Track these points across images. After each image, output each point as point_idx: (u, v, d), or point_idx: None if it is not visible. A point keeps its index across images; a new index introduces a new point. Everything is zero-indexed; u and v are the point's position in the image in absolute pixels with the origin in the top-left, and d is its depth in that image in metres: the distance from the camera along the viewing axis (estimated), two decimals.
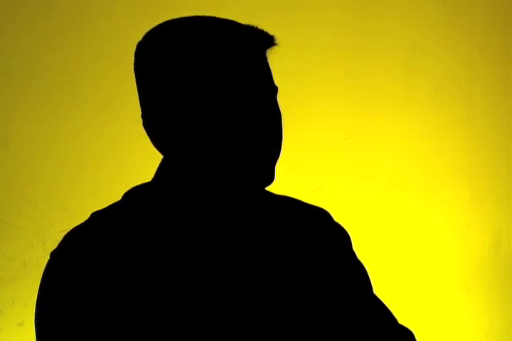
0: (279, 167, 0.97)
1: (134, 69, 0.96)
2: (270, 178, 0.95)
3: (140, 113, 0.97)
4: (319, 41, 2.15)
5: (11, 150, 1.62)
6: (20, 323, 1.63)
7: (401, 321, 1.12)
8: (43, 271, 0.94)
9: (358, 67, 2.24)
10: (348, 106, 2.23)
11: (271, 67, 0.96)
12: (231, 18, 0.96)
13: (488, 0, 2.60)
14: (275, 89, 0.95)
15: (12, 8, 1.61)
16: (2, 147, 1.61)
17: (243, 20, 0.96)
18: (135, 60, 0.96)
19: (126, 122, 1.74)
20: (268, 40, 0.94)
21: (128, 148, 1.77)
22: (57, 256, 0.93)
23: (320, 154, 2.16)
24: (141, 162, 1.72)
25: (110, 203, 1.00)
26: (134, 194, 1.00)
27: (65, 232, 0.96)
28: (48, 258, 0.94)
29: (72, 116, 1.69)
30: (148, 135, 0.96)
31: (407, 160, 2.37)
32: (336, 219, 1.12)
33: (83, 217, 0.98)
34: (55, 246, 0.95)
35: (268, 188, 1.00)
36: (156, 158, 1.02)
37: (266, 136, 0.92)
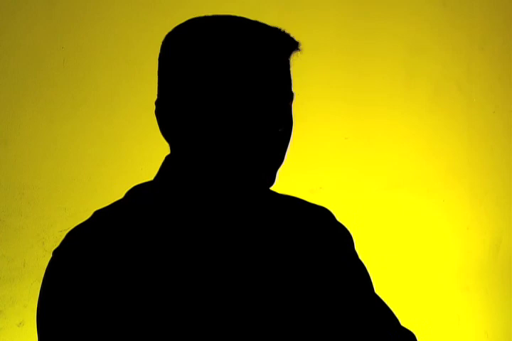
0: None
1: (159, 57, 0.97)
2: (270, 182, 0.95)
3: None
4: (319, 41, 2.15)
5: (12, 150, 1.62)
6: (20, 323, 1.63)
7: (402, 321, 1.12)
8: (44, 270, 0.94)
9: (358, 67, 2.24)
10: (348, 106, 2.23)
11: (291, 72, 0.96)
12: None
13: (488, 0, 2.60)
14: (291, 95, 0.95)
15: (12, 8, 1.61)
16: (2, 147, 1.61)
17: None
18: (161, 49, 0.97)
19: (126, 122, 1.74)
20: (291, 46, 0.94)
21: (128, 148, 1.77)
22: (59, 255, 0.93)
23: (320, 154, 2.17)
24: (141, 162, 1.72)
25: (110, 203, 1.00)
26: (137, 192, 1.00)
27: (65, 232, 0.96)
28: (48, 257, 0.94)
29: (72, 116, 1.69)
30: (159, 123, 0.97)
31: (407, 160, 2.37)
32: (337, 218, 1.12)
33: (83, 217, 0.98)
34: (55, 246, 0.95)
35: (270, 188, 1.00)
36: (156, 158, 1.02)
37: (273, 138, 0.92)
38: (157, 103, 0.97)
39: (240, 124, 0.90)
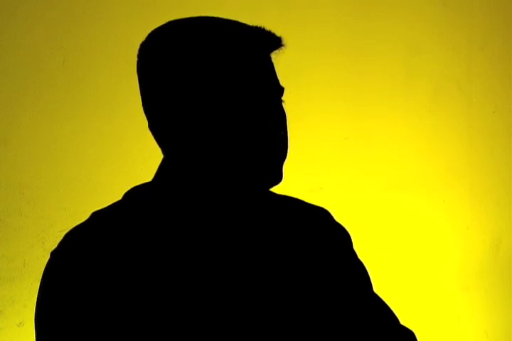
0: None
1: (137, 69, 0.96)
2: (278, 179, 0.95)
3: (142, 112, 0.97)
4: (319, 41, 2.15)
5: (11, 150, 1.62)
6: (20, 323, 1.63)
7: (402, 320, 1.12)
8: (43, 271, 0.94)
9: (358, 66, 2.24)
10: (348, 105, 2.23)
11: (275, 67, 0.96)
12: (230, 17, 0.96)
13: (488, 0, 2.60)
14: (281, 90, 0.95)
15: (12, 8, 1.61)
16: (2, 146, 1.61)
17: (242, 18, 0.96)
18: (138, 61, 0.96)
19: (126, 122, 1.74)
20: (275, 42, 0.93)
21: (128, 148, 1.77)
22: (57, 256, 0.93)
23: (320, 154, 2.17)
24: (141, 162, 1.72)
25: (110, 203, 1.00)
26: (135, 193, 1.00)
27: (65, 232, 0.96)
28: (48, 258, 0.94)
29: (72, 116, 1.69)
30: (153, 134, 0.96)
31: (407, 160, 2.37)
32: (336, 218, 1.12)
33: (83, 217, 0.98)
34: (55, 246, 0.95)
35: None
36: (156, 158, 1.02)
37: (275, 137, 0.92)
38: (147, 116, 0.96)
39: (234, 124, 0.90)
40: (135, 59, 0.97)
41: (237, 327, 0.92)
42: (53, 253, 0.94)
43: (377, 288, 1.13)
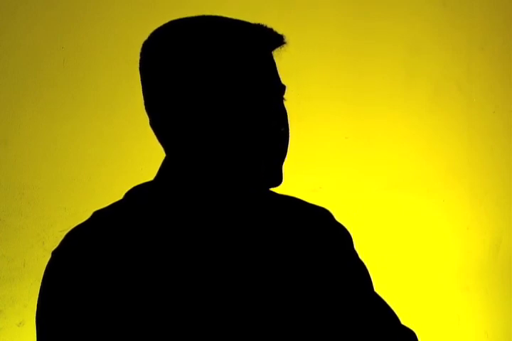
0: None
1: (140, 68, 0.96)
2: (279, 179, 0.94)
3: (142, 112, 0.97)
4: (319, 40, 2.15)
5: (11, 150, 1.62)
6: (20, 323, 1.63)
7: (402, 320, 1.12)
8: (44, 270, 0.94)
9: (358, 66, 2.24)
10: (349, 105, 2.23)
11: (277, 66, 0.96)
12: (231, 16, 0.96)
13: (488, 0, 2.60)
14: (283, 88, 0.95)
15: (12, 8, 1.61)
16: (2, 146, 1.61)
17: (243, 18, 0.96)
18: (140, 59, 0.96)
19: (126, 122, 1.75)
20: (276, 39, 0.94)
21: (128, 148, 1.77)
22: (58, 255, 0.93)
23: (320, 153, 2.17)
24: (141, 162, 1.72)
25: (110, 203, 1.00)
26: (136, 193, 1.00)
27: (65, 232, 0.96)
28: (48, 257, 0.94)
29: (72, 116, 1.69)
30: (156, 134, 0.96)
31: (407, 160, 2.37)
32: (336, 218, 1.12)
33: (83, 217, 0.98)
34: (55, 245, 0.95)
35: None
36: (156, 158, 1.02)
37: (276, 135, 0.92)
38: (149, 115, 0.96)
39: (236, 123, 0.90)
40: (135, 59, 0.97)
41: (237, 327, 0.92)
42: (54, 253, 0.94)
43: (378, 288, 1.13)
